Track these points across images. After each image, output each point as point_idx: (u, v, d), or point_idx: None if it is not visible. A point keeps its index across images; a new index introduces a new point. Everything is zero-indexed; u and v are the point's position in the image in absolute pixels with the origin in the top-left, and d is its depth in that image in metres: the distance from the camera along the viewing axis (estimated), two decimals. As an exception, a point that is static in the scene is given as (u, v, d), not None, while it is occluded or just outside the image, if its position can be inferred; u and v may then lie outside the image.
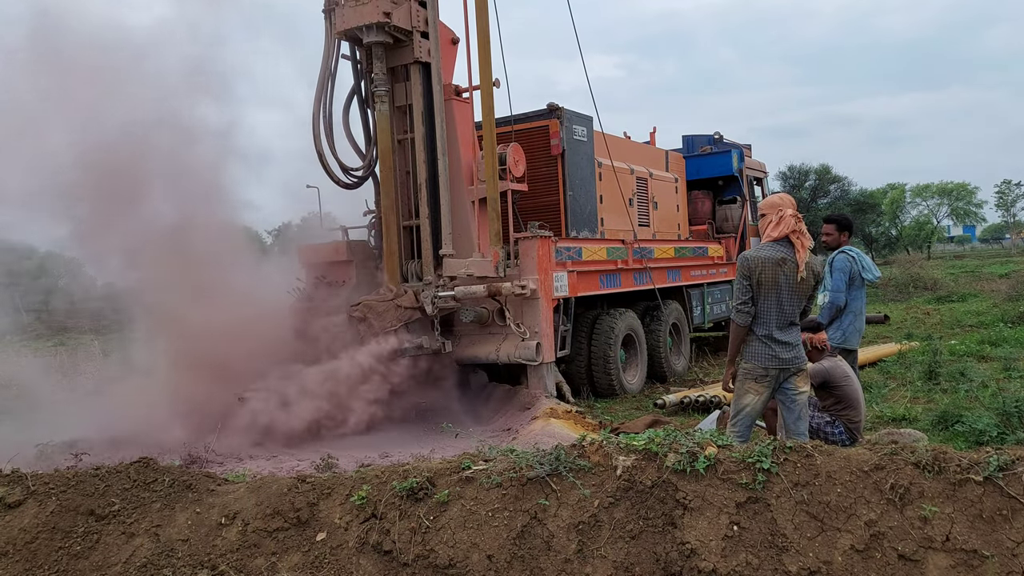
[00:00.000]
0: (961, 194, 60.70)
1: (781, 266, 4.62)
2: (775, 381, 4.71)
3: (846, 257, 6.13)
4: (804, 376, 4.79)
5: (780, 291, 4.65)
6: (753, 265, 4.65)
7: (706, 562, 3.03)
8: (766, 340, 4.67)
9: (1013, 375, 8.56)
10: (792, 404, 4.76)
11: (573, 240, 9.02)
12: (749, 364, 4.75)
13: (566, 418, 7.26)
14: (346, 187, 8.85)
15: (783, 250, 4.66)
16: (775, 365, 4.67)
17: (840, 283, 6.03)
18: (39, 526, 3.53)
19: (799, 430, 4.74)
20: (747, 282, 4.68)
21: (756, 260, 4.66)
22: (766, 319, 4.69)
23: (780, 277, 4.62)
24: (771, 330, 4.66)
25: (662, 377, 10.33)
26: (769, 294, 4.66)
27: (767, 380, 4.70)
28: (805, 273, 4.64)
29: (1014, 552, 2.85)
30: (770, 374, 4.69)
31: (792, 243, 4.67)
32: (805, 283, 4.69)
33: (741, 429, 4.75)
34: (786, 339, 4.67)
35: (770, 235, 4.70)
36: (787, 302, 4.67)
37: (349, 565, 3.33)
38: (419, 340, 8.03)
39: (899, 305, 18.46)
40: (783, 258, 4.63)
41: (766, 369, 4.68)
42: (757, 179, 13.92)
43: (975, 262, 37.44)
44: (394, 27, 8.05)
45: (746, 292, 4.68)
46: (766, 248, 4.69)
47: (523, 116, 9.26)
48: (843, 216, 6.66)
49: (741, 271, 4.72)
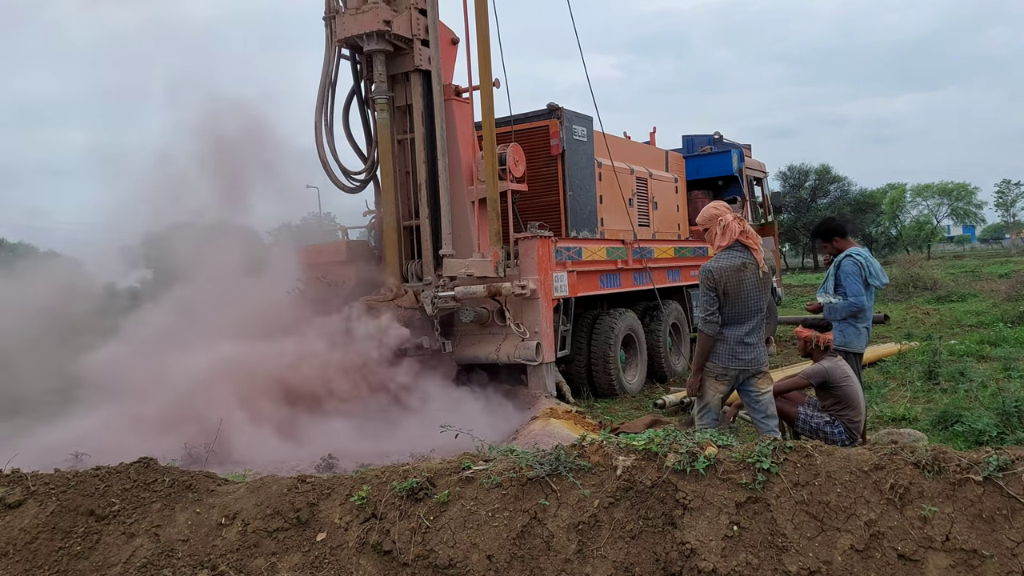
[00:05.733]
0: (961, 194, 60.74)
1: (743, 271, 4.87)
2: (734, 380, 4.99)
3: (853, 261, 6.01)
4: (765, 377, 5.05)
5: (746, 294, 4.90)
6: (717, 276, 4.88)
7: (706, 562, 3.03)
8: (728, 343, 4.94)
9: (1013, 375, 8.55)
10: (756, 404, 5.05)
11: (573, 240, 9.02)
12: (710, 363, 5.02)
13: (566, 418, 7.26)
14: (350, 191, 8.88)
15: (739, 255, 4.90)
16: (735, 366, 4.94)
17: (854, 287, 5.92)
18: (39, 526, 3.53)
19: (769, 427, 5.03)
20: (713, 293, 4.91)
21: (719, 271, 4.89)
22: (730, 323, 4.94)
23: (745, 281, 4.87)
24: (734, 333, 4.92)
25: (662, 377, 10.33)
26: (736, 300, 4.90)
27: (726, 379, 4.98)
28: (766, 267, 4.94)
29: (1014, 552, 2.85)
30: (729, 373, 4.97)
31: (745, 245, 4.92)
32: (767, 277, 4.97)
33: (708, 422, 5.03)
34: (748, 340, 4.94)
35: (720, 245, 4.95)
36: (752, 303, 4.93)
37: (349, 565, 3.33)
38: (419, 340, 8.03)
39: (899, 305, 18.46)
40: (743, 263, 4.88)
41: (726, 369, 4.96)
42: (757, 179, 13.91)
43: (975, 262, 37.45)
44: (394, 35, 8.05)
45: (713, 303, 4.92)
46: (723, 257, 4.92)
47: (523, 116, 9.25)
48: (823, 225, 6.52)
49: (706, 283, 4.94)
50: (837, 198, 50.51)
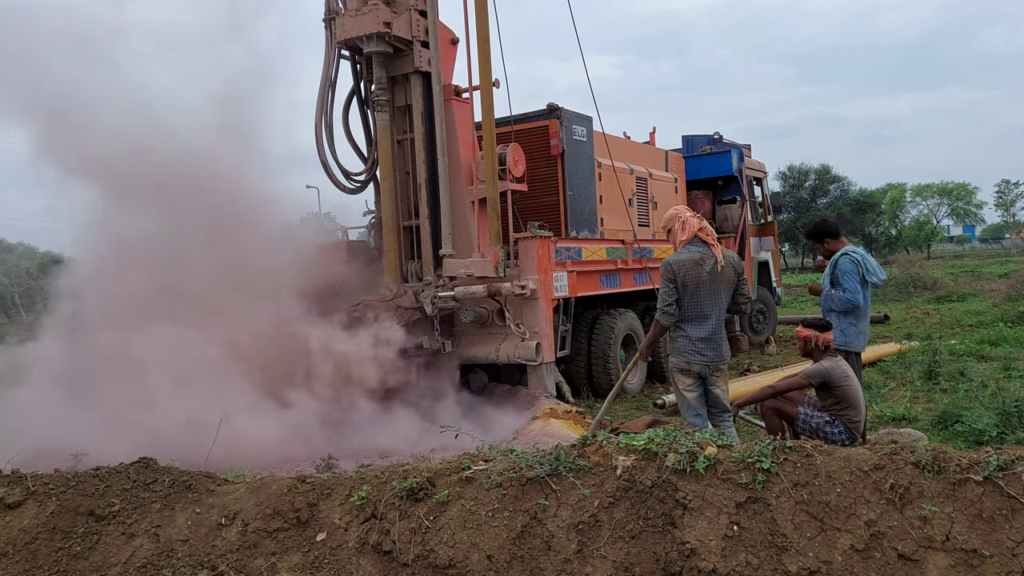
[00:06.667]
0: (961, 194, 60.74)
1: (702, 264, 5.11)
2: (698, 376, 5.21)
3: (850, 259, 6.10)
4: (723, 375, 5.32)
5: (704, 288, 5.11)
6: (676, 268, 5.14)
7: (706, 562, 3.03)
8: (690, 338, 5.17)
9: (1013, 375, 8.56)
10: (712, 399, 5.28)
11: (573, 240, 9.02)
12: (675, 359, 5.26)
13: (566, 418, 7.26)
14: (351, 192, 8.88)
15: (699, 249, 5.17)
16: (698, 361, 5.16)
17: (851, 283, 6.03)
18: (39, 526, 3.53)
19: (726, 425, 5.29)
20: (672, 285, 5.16)
21: (677, 264, 5.15)
22: (691, 317, 5.16)
23: (702, 274, 5.11)
24: (694, 328, 5.15)
25: (662, 377, 10.30)
26: (695, 293, 5.13)
27: (690, 373, 5.20)
28: (724, 263, 5.14)
29: (1014, 552, 2.85)
30: (692, 368, 5.18)
31: (704, 240, 5.18)
32: (726, 274, 5.17)
33: (692, 419, 5.24)
34: (710, 337, 5.16)
35: (681, 240, 5.23)
36: (711, 298, 5.14)
37: (349, 565, 3.33)
38: (419, 340, 8.03)
39: (899, 305, 18.46)
40: (702, 256, 5.14)
41: (689, 363, 5.18)
42: (757, 179, 13.91)
43: (975, 262, 37.42)
44: (394, 37, 8.04)
45: (671, 295, 5.17)
46: (683, 252, 5.19)
47: (523, 116, 9.25)
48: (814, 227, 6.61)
49: (665, 275, 5.20)
50: (837, 198, 50.48)
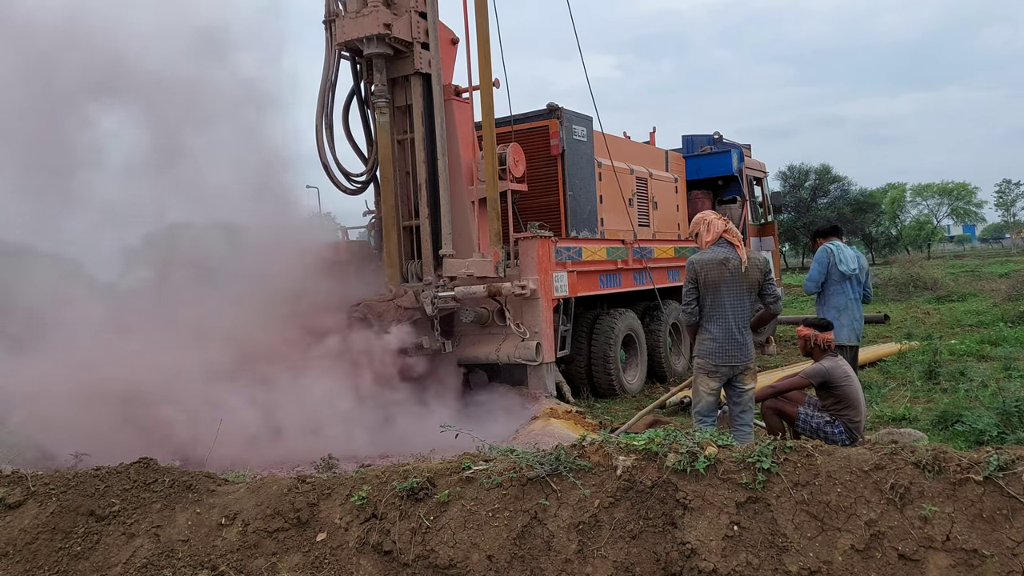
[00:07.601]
0: (961, 194, 60.75)
1: (725, 264, 5.12)
2: (724, 377, 5.19)
3: (824, 249, 6.74)
4: (752, 373, 5.28)
5: (727, 288, 5.11)
6: (698, 268, 5.17)
7: (706, 562, 3.03)
8: (715, 339, 5.14)
9: (1013, 375, 8.55)
10: (739, 398, 5.27)
11: (573, 240, 9.02)
12: (700, 360, 5.24)
13: (566, 418, 7.26)
14: (351, 193, 8.88)
15: (723, 250, 5.17)
16: (724, 363, 5.14)
17: (814, 272, 6.68)
18: (39, 527, 3.53)
19: (744, 421, 5.27)
20: (693, 284, 5.20)
21: (700, 263, 5.18)
22: (714, 317, 5.15)
23: (725, 274, 5.11)
24: (719, 329, 5.13)
25: (662, 377, 10.32)
26: (717, 293, 5.12)
27: (717, 376, 5.17)
28: (748, 264, 5.13)
29: (1014, 552, 2.85)
30: (720, 371, 5.16)
31: (729, 242, 5.20)
32: (751, 274, 5.16)
33: (700, 417, 5.25)
34: (734, 337, 5.12)
35: (707, 241, 5.25)
36: (734, 299, 5.12)
37: (349, 565, 3.33)
38: (419, 340, 8.03)
39: (899, 305, 18.46)
40: (726, 257, 5.13)
41: (716, 366, 5.15)
42: (757, 179, 13.90)
43: (975, 262, 37.42)
44: (394, 39, 8.04)
45: (692, 293, 5.21)
46: (708, 251, 5.21)
47: (523, 116, 9.25)
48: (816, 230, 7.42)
49: (688, 274, 5.23)
50: (837, 198, 50.44)
